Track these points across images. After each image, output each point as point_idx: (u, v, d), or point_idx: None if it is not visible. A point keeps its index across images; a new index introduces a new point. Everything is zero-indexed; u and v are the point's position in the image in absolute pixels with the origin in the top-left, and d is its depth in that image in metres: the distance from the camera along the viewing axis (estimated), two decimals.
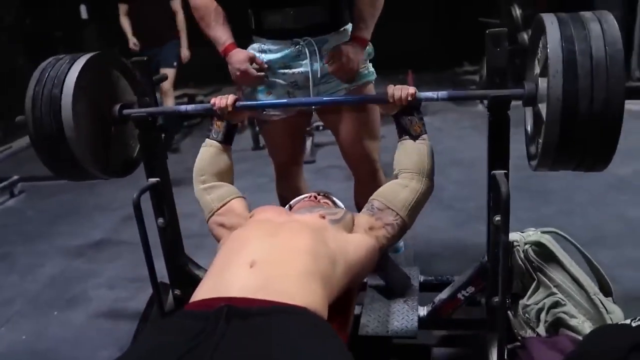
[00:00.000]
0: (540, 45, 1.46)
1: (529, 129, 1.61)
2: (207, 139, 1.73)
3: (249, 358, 0.97)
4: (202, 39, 1.92)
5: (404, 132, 1.60)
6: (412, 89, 1.56)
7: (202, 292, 1.22)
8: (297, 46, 1.77)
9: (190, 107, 1.78)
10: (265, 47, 1.84)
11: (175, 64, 4.71)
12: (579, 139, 1.33)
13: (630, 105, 4.60)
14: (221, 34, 1.82)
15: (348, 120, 1.87)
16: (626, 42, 4.49)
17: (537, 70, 1.48)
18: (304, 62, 1.78)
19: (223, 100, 1.66)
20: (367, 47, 1.85)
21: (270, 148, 2.11)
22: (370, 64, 1.92)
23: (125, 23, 4.86)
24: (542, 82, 1.42)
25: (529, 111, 1.61)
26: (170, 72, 4.46)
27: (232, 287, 1.17)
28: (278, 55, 1.81)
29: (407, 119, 1.58)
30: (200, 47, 4.77)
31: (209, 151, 1.71)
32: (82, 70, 1.61)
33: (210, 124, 1.74)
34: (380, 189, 1.65)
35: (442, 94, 1.58)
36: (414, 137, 1.58)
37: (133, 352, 1.07)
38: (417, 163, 1.56)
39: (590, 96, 1.27)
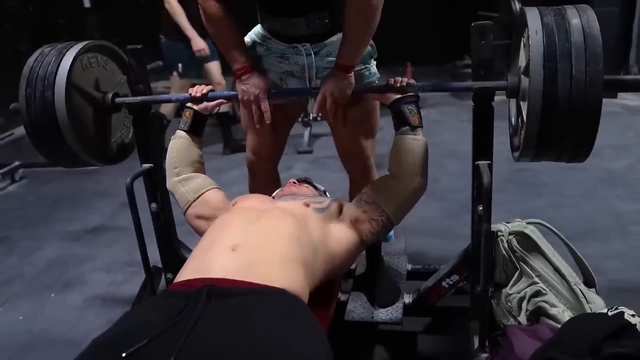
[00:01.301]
0: (524, 38, 1.49)
1: (512, 120, 1.64)
2: (177, 131, 1.76)
3: (225, 335, 1.01)
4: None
5: (402, 121, 1.59)
6: (411, 80, 1.60)
7: (185, 274, 1.27)
8: (296, 48, 1.75)
9: (182, 95, 1.80)
10: (266, 34, 1.81)
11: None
12: (559, 134, 1.36)
13: (627, 100, 4.61)
14: (238, 54, 1.71)
15: (347, 115, 1.80)
16: (625, 37, 4.51)
17: (522, 62, 1.51)
18: (301, 56, 1.76)
19: (198, 89, 1.73)
20: (369, 48, 1.78)
21: (250, 138, 2.00)
22: (374, 64, 1.86)
23: (183, 15, 3.80)
24: (525, 81, 1.44)
25: (513, 103, 1.64)
26: (217, 65, 4.09)
27: (214, 268, 1.22)
28: (276, 47, 1.78)
29: (408, 108, 1.59)
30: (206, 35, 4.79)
31: (178, 143, 1.73)
32: (70, 69, 1.64)
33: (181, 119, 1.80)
34: (372, 183, 1.68)
35: (427, 85, 1.61)
36: (412, 128, 1.58)
37: (116, 329, 1.11)
38: (410, 161, 1.56)
39: (569, 92, 1.30)
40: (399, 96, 1.60)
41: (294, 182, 1.78)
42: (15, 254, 2.94)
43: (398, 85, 1.58)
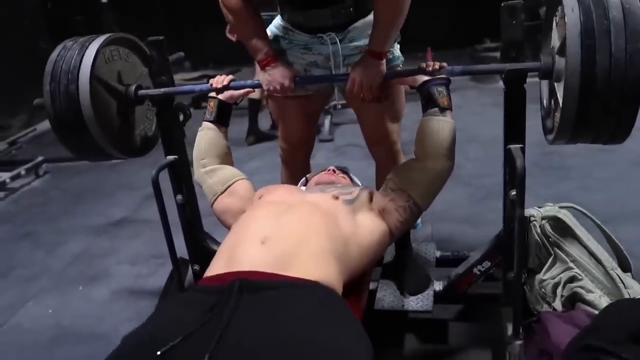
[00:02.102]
0: (557, 17, 1.44)
1: (545, 102, 1.59)
2: (203, 123, 1.74)
3: (260, 331, 0.99)
4: (221, 18, 1.84)
5: (430, 102, 1.55)
6: (443, 63, 1.57)
7: (214, 268, 1.25)
8: (321, 38, 1.73)
9: (204, 86, 1.78)
10: (288, 27, 1.79)
11: None
12: (597, 116, 1.31)
13: None
14: (262, 44, 1.71)
15: (379, 100, 1.80)
16: None
17: (555, 42, 1.46)
18: (325, 46, 1.74)
19: (219, 79, 1.71)
20: None
21: (281, 127, 2.03)
22: (398, 47, 1.83)
23: None
24: (560, 61, 1.40)
25: (545, 85, 1.59)
26: None
27: (244, 262, 1.19)
28: (299, 38, 1.76)
29: (437, 89, 1.55)
30: (219, 27, 4.77)
31: (206, 134, 1.71)
32: (93, 61, 1.63)
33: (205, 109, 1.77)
34: (397, 169, 1.64)
35: (457, 68, 1.56)
36: (442, 109, 1.53)
37: (147, 326, 1.10)
38: (436, 142, 1.51)
39: (608, 72, 1.25)
40: (428, 78, 1.56)
41: (333, 171, 1.74)
42: (41, 249, 2.96)
43: (430, 69, 1.55)
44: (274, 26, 1.80)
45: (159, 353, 0.94)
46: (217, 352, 0.93)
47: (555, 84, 1.43)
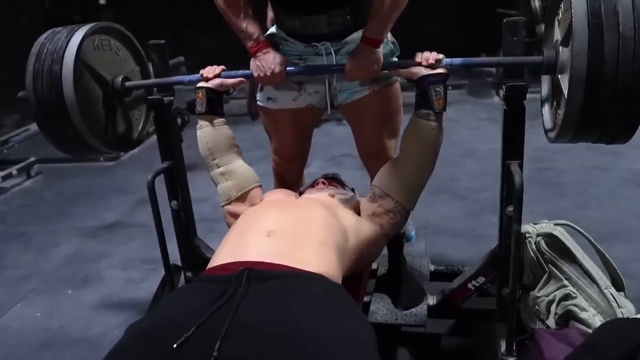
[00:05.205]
0: (561, 9, 1.42)
1: (546, 100, 1.58)
2: (198, 120, 1.70)
3: (269, 318, 1.01)
4: (225, 23, 1.79)
5: (425, 103, 1.52)
6: (440, 55, 1.53)
7: (220, 258, 1.27)
8: (315, 47, 1.70)
9: (195, 76, 1.71)
10: (282, 35, 1.76)
11: None
12: (601, 112, 1.29)
13: None
14: (253, 29, 1.65)
15: (370, 115, 1.79)
16: None
17: (557, 37, 1.44)
18: (319, 56, 1.71)
19: (210, 69, 1.69)
20: (391, 46, 1.75)
21: (273, 140, 1.96)
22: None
23: None
24: (564, 52, 1.37)
25: (547, 81, 1.57)
26: None
27: (251, 252, 1.23)
28: (294, 48, 1.74)
29: (435, 89, 1.50)
30: (222, 31, 4.74)
31: (205, 131, 1.68)
32: (80, 43, 1.60)
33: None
34: (380, 173, 1.64)
35: (456, 60, 1.54)
36: (436, 113, 1.52)
37: (156, 314, 1.12)
38: (421, 148, 1.57)
39: (617, 52, 1.22)
40: (427, 73, 1.52)
41: (324, 182, 1.74)
42: (32, 250, 2.93)
43: (425, 63, 1.52)
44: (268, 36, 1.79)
45: (175, 346, 0.94)
46: (226, 340, 0.95)
47: (559, 76, 1.40)
